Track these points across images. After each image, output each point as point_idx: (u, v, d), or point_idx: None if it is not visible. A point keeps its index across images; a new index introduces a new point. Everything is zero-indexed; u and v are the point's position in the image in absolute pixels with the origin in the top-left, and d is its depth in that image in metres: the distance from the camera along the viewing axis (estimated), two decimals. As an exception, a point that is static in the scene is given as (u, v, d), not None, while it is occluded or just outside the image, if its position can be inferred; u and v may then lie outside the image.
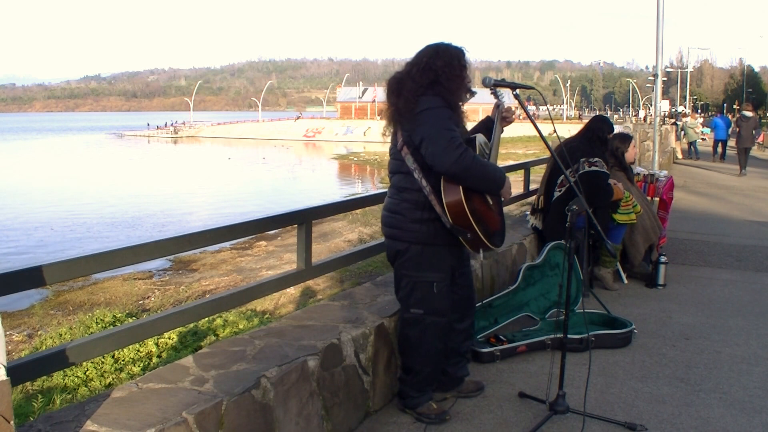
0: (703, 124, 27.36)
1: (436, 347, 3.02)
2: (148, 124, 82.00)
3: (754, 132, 17.78)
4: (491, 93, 3.06)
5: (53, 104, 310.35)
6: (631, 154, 5.79)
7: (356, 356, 3.01)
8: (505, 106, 3.04)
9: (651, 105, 19.46)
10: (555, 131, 3.28)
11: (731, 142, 21.66)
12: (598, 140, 5.23)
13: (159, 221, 17.85)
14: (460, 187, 2.75)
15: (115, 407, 2.16)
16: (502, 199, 2.98)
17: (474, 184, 2.77)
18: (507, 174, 3.04)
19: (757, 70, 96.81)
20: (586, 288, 4.84)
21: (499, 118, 3.04)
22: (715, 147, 21.23)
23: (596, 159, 5.01)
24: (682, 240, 7.66)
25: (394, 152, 2.94)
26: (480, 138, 2.96)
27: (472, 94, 2.94)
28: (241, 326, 6.63)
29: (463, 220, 2.77)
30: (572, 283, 4.02)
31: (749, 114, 17.46)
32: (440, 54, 2.86)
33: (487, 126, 3.10)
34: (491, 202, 2.91)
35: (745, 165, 16.81)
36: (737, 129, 17.81)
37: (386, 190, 3.11)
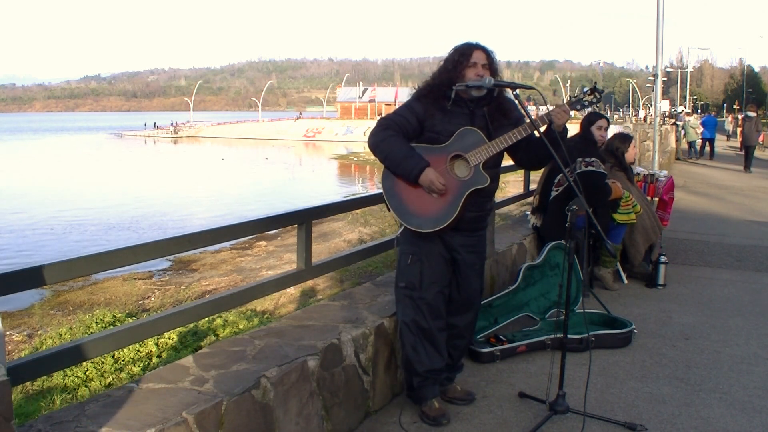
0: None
1: (416, 323, 3.02)
2: (145, 125, 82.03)
3: (757, 132, 18.78)
4: (515, 97, 2.99)
5: (53, 104, 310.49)
6: (631, 154, 5.79)
7: (356, 356, 3.01)
8: (555, 108, 2.99)
9: (651, 105, 19.58)
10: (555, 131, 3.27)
11: (733, 143, 22.15)
12: (592, 136, 5.23)
13: (141, 226, 17.71)
14: (383, 166, 2.97)
15: (115, 407, 2.16)
16: (432, 193, 2.88)
17: (385, 164, 2.95)
18: (507, 173, 3.05)
19: (757, 70, 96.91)
20: (586, 288, 4.84)
21: (524, 128, 2.95)
22: (703, 146, 22.31)
23: (593, 159, 5.00)
24: (682, 240, 7.66)
25: None
26: (463, 131, 2.94)
27: (472, 87, 2.92)
28: (241, 326, 6.63)
29: (382, 193, 2.98)
30: (572, 283, 4.02)
31: (752, 114, 18.51)
32: (448, 52, 3.06)
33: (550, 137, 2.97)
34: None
35: (750, 163, 17.76)
36: (740, 128, 19.05)
37: None
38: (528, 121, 2.97)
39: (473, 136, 2.94)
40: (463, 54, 2.97)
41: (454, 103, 2.94)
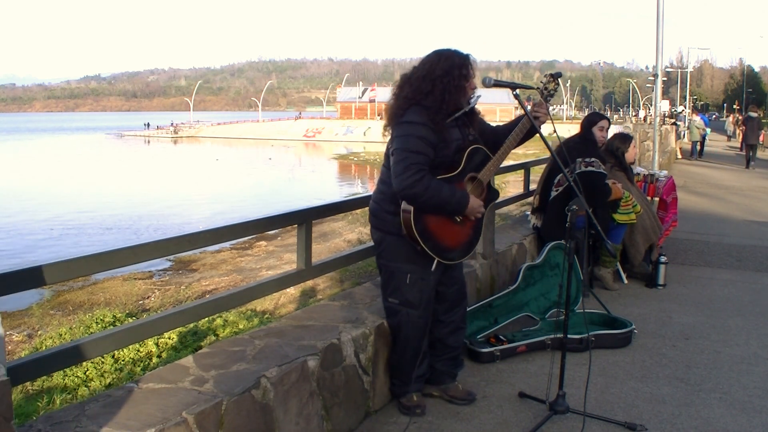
0: None
1: (413, 338, 3.05)
2: (144, 125, 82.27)
3: (762, 131, 20.43)
4: (515, 97, 2.97)
5: (53, 104, 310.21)
6: (631, 154, 5.78)
7: (356, 356, 3.01)
8: (533, 107, 2.98)
9: (651, 105, 19.70)
10: (555, 131, 3.28)
11: (734, 143, 22.55)
12: (593, 136, 5.22)
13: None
14: (412, 207, 2.83)
15: (115, 407, 2.16)
16: (473, 217, 2.94)
17: (425, 208, 2.83)
18: (507, 173, 3.07)
19: (757, 70, 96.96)
20: (586, 288, 4.84)
21: (522, 127, 2.98)
22: (693, 145, 22.97)
23: (593, 159, 4.99)
24: (682, 240, 7.66)
25: (387, 147, 3.02)
26: (471, 151, 2.94)
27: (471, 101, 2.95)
28: (241, 326, 6.63)
29: (410, 234, 2.86)
30: (572, 283, 4.02)
31: (754, 114, 19.60)
32: (441, 62, 2.89)
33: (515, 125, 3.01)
34: (459, 218, 2.93)
35: (754, 160, 18.71)
36: (743, 128, 20.32)
37: None
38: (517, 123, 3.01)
39: (480, 154, 2.98)
40: (465, 67, 2.89)
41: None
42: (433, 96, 2.84)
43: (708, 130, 23.72)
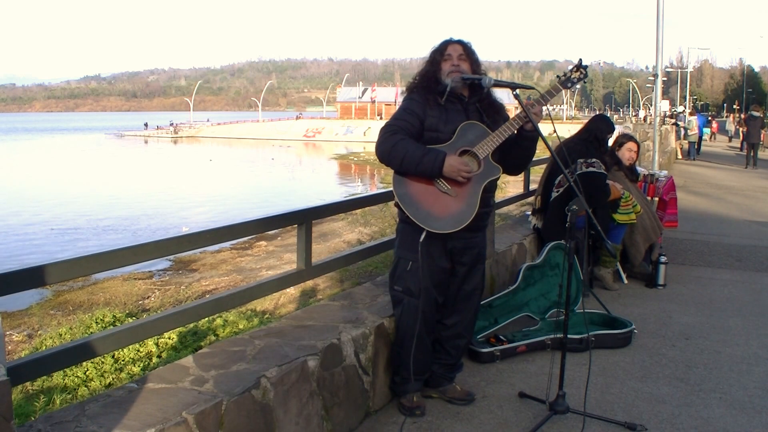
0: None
1: (412, 326, 3.02)
2: (143, 125, 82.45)
3: (763, 131, 20.80)
4: (515, 97, 2.97)
5: (53, 104, 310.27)
6: (625, 155, 5.77)
7: (356, 356, 3.01)
8: (532, 110, 2.95)
9: (651, 105, 19.76)
10: (555, 131, 3.28)
11: (735, 143, 23.57)
12: (596, 140, 5.18)
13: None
14: (393, 171, 2.93)
15: (115, 407, 2.16)
16: (460, 179, 2.87)
17: (399, 168, 2.89)
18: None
19: (757, 70, 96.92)
20: (586, 288, 4.84)
21: (516, 121, 2.99)
22: (691, 146, 23.28)
23: (594, 160, 4.99)
24: (682, 240, 7.66)
25: None
26: (465, 125, 2.94)
27: (468, 79, 2.94)
28: (241, 326, 6.63)
29: (396, 204, 2.95)
30: (572, 283, 4.02)
31: (757, 114, 20.07)
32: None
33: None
34: (447, 187, 2.88)
35: (756, 160, 19.11)
36: (746, 127, 20.71)
37: (386, 189, 3.22)
38: (523, 113, 2.95)
39: (476, 129, 2.95)
40: (439, 51, 3.05)
41: (448, 100, 2.94)
42: (412, 80, 3.09)
43: (707, 129, 23.82)
